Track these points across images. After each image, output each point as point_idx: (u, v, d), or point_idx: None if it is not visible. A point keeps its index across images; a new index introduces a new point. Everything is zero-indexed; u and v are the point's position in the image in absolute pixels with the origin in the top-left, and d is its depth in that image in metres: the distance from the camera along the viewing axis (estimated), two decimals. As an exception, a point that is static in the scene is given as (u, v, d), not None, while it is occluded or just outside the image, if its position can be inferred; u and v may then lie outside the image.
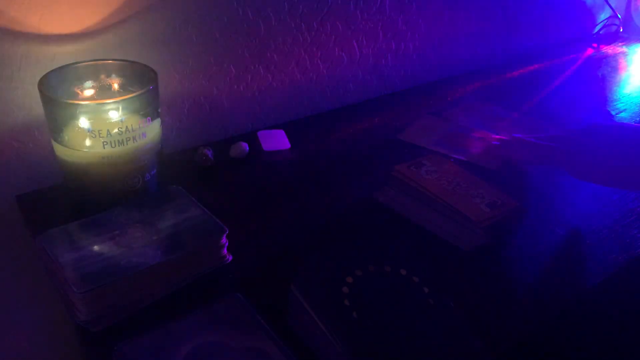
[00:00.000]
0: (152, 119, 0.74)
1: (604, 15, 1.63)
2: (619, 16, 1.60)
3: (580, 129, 0.80)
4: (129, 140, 0.72)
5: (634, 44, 1.56)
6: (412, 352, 0.54)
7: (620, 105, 1.19)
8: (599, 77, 1.11)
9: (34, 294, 0.90)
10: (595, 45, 1.55)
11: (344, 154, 0.98)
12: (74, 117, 0.71)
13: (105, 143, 0.70)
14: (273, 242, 0.76)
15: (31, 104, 0.79)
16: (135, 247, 0.64)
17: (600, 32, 1.62)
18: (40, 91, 0.70)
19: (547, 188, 0.89)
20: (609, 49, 1.52)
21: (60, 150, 0.73)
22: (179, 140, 0.96)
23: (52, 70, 0.74)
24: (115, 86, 0.78)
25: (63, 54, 0.79)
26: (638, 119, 1.13)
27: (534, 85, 1.28)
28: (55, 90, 0.73)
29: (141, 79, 0.76)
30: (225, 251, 0.68)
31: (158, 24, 0.86)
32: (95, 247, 0.64)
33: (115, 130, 0.70)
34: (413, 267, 0.61)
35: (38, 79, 0.72)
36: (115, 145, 0.71)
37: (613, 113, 1.12)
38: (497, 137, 0.92)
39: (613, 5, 1.59)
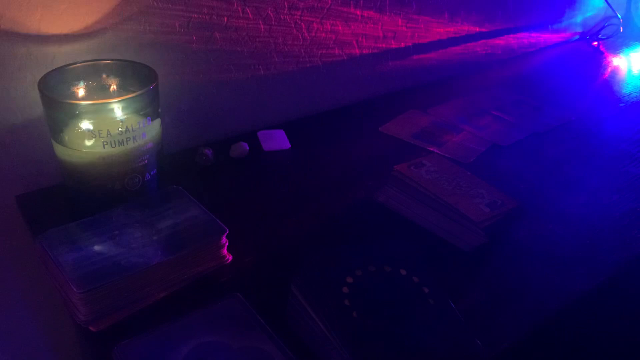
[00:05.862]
0: (152, 119, 0.74)
1: (604, 15, 1.63)
2: (619, 16, 1.60)
3: None
4: (129, 140, 0.72)
5: (634, 44, 1.56)
6: (412, 352, 0.54)
7: (620, 105, 1.19)
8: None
9: (34, 294, 0.90)
10: (595, 44, 1.55)
11: (343, 153, 0.98)
12: (74, 117, 0.70)
13: (105, 143, 0.70)
14: (273, 242, 0.76)
15: (31, 104, 0.79)
16: (135, 247, 0.64)
17: (600, 32, 1.62)
18: (40, 91, 0.70)
19: (547, 188, 0.89)
20: (609, 49, 1.52)
21: (60, 150, 0.73)
22: (179, 140, 0.96)
23: (52, 71, 0.74)
24: (115, 86, 0.78)
25: (63, 54, 0.79)
26: (638, 119, 1.13)
27: (532, 84, 1.28)
28: (55, 90, 0.73)
29: (141, 79, 0.76)
30: (225, 251, 0.68)
31: (158, 24, 0.86)
32: (95, 247, 0.64)
33: (116, 130, 0.70)
34: (413, 267, 0.61)
35: (38, 79, 0.72)
36: (115, 145, 0.71)
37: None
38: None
39: (613, 5, 1.59)
